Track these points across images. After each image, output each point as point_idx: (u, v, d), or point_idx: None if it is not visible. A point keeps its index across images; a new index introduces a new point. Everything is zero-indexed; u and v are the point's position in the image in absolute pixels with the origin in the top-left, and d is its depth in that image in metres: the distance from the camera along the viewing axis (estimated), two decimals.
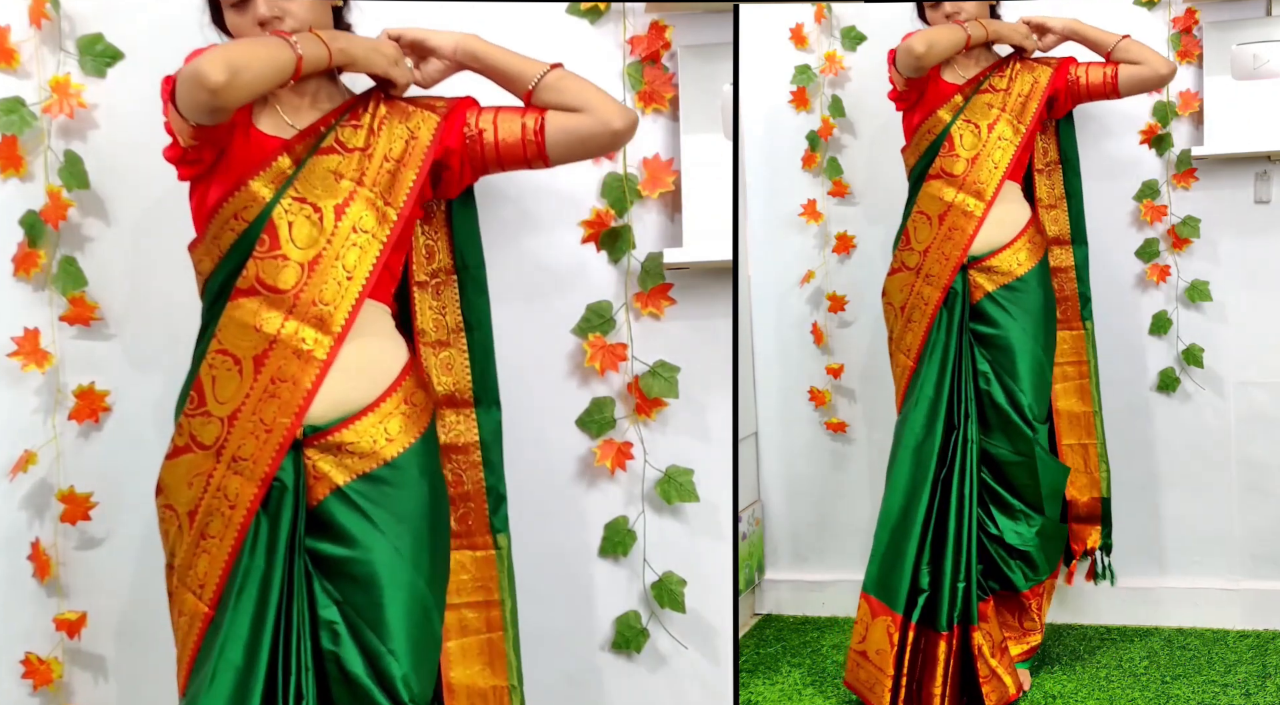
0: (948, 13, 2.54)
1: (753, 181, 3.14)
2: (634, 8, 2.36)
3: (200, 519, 1.75)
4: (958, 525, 2.52)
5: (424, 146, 1.85)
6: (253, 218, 1.76)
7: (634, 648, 2.43)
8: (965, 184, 2.56)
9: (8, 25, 2.20)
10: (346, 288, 1.77)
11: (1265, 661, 2.88)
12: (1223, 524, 3.06)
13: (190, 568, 1.76)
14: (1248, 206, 2.98)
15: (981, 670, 2.54)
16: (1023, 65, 2.63)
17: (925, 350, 2.58)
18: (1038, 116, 2.59)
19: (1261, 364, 3.00)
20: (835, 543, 3.21)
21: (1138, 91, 2.66)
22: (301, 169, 1.79)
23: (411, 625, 1.76)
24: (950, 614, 2.50)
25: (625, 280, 2.41)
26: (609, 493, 2.43)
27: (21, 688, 2.26)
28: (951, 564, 2.51)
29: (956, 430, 2.56)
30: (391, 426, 1.80)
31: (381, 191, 1.82)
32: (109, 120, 2.26)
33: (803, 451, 3.23)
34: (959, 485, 2.53)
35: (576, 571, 2.43)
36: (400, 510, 1.78)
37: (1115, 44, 2.62)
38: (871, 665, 2.57)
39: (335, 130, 1.83)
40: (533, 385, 2.38)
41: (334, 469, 1.76)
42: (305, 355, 1.74)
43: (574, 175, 2.39)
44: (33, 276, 2.25)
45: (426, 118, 1.88)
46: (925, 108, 2.60)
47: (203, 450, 1.75)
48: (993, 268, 2.59)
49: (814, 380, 3.18)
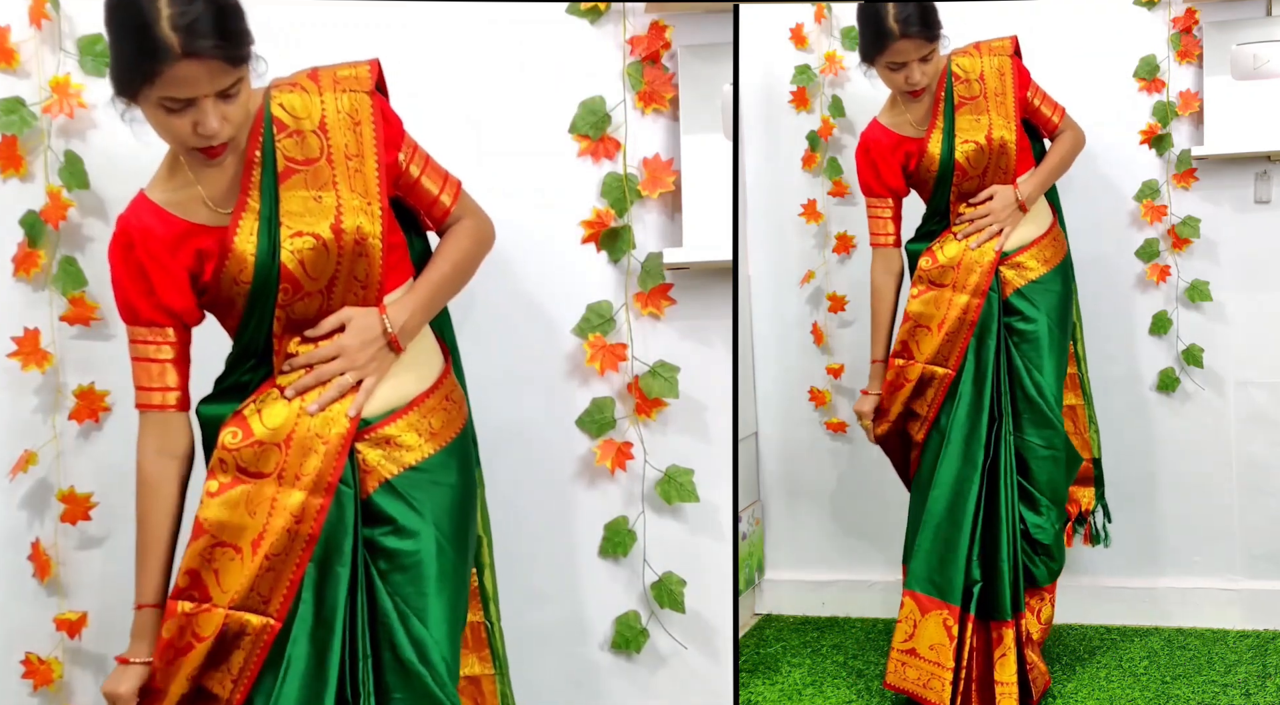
0: (905, 75, 2.47)
1: (753, 181, 3.13)
2: (634, 8, 2.36)
3: (267, 541, 1.75)
4: (1008, 515, 2.55)
5: (371, 129, 1.82)
6: (251, 276, 1.77)
7: (634, 648, 2.43)
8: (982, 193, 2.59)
9: (8, 25, 2.20)
10: (362, 297, 1.81)
11: (1265, 661, 2.88)
12: (1222, 524, 3.06)
13: (254, 591, 1.75)
14: (1248, 206, 2.98)
15: (1029, 656, 2.58)
16: (977, 57, 2.59)
17: (965, 356, 2.58)
18: (1019, 103, 2.58)
19: (1261, 364, 3.00)
20: (835, 543, 3.21)
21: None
22: (277, 205, 1.76)
23: (451, 611, 1.83)
24: (1014, 601, 2.53)
25: (625, 280, 2.41)
26: (609, 493, 2.43)
27: (22, 688, 2.26)
28: (1008, 553, 2.53)
29: (997, 422, 2.58)
30: (435, 421, 1.85)
31: (360, 191, 1.80)
32: (109, 120, 2.25)
33: (803, 451, 3.23)
34: (1005, 476, 2.56)
35: (576, 571, 2.43)
36: (443, 502, 1.84)
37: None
38: (924, 661, 2.56)
39: (276, 148, 1.77)
40: (533, 385, 2.38)
41: (383, 462, 1.81)
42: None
43: (574, 175, 2.39)
44: (33, 276, 2.25)
45: (357, 97, 1.81)
46: (917, 160, 2.59)
47: (260, 479, 1.76)
48: (1021, 264, 2.60)
49: (814, 380, 3.18)
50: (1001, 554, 2.53)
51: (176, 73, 1.60)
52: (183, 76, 1.61)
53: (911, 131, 2.59)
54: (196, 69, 1.61)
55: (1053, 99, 2.65)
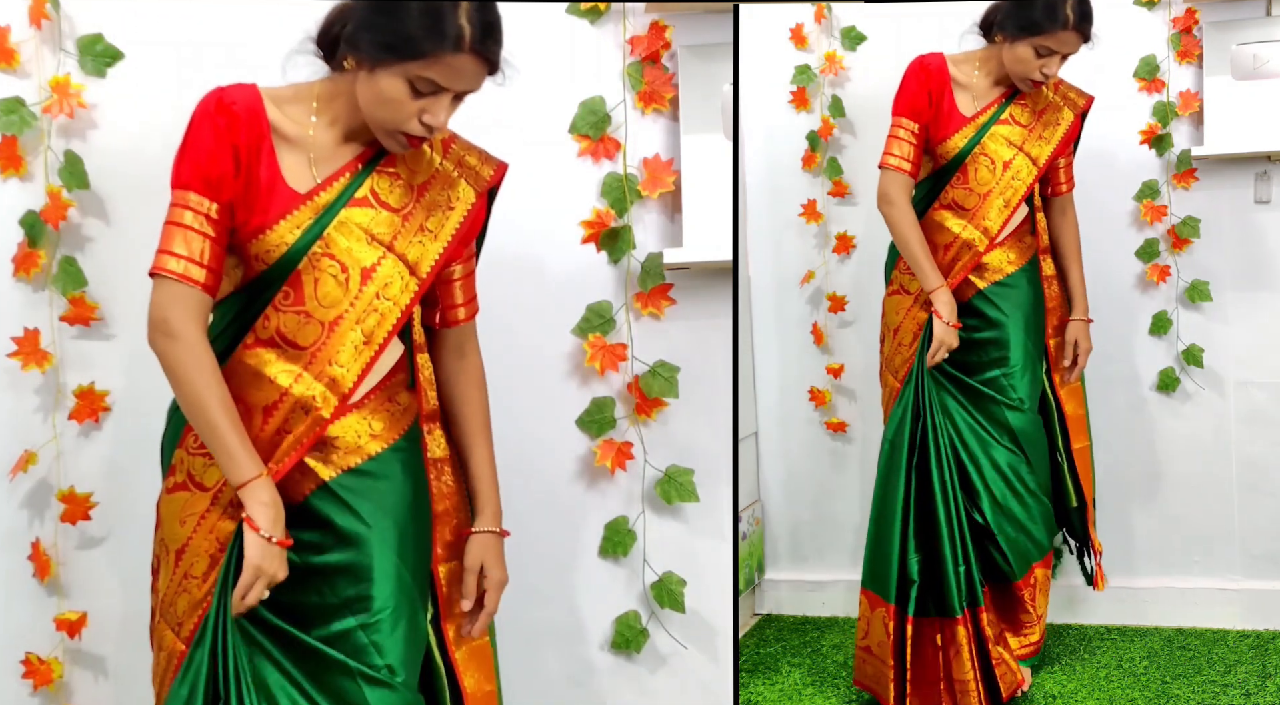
0: (1044, 64, 2.43)
1: (753, 181, 3.14)
2: (634, 8, 2.36)
3: (187, 558, 1.74)
4: (945, 508, 2.52)
5: (459, 221, 1.82)
6: (272, 262, 1.72)
7: (634, 648, 2.43)
8: (975, 218, 2.55)
9: (8, 25, 2.20)
10: (361, 352, 1.75)
11: (1265, 661, 2.88)
12: (1222, 524, 3.06)
13: (171, 605, 1.76)
14: (1248, 206, 2.98)
15: (993, 654, 2.55)
16: (1053, 100, 2.58)
17: (911, 371, 2.58)
18: (1054, 156, 2.58)
19: (1261, 364, 3.01)
20: (835, 543, 3.21)
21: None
22: (331, 221, 1.73)
23: (397, 617, 1.76)
24: (960, 598, 2.51)
25: (625, 280, 2.41)
26: (609, 493, 2.43)
27: (22, 688, 2.26)
28: (949, 549, 2.51)
29: (922, 416, 2.56)
30: (375, 423, 1.79)
31: (411, 261, 1.78)
32: (109, 120, 2.26)
33: (803, 451, 3.23)
34: (938, 471, 2.54)
35: (576, 571, 2.43)
36: (384, 504, 1.78)
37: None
38: (876, 659, 2.59)
39: (370, 177, 1.76)
40: (533, 385, 2.38)
41: (320, 465, 1.76)
42: (313, 413, 1.74)
43: (574, 175, 2.39)
44: (33, 276, 2.25)
45: (466, 192, 1.83)
46: (942, 130, 2.55)
47: (201, 491, 1.74)
48: (984, 265, 2.58)
49: (814, 380, 3.18)
50: (943, 551, 2.52)
51: (456, 63, 1.63)
52: (458, 68, 1.64)
53: (964, 98, 2.55)
54: (472, 66, 1.65)
55: (1072, 168, 2.66)
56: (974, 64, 2.55)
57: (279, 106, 1.73)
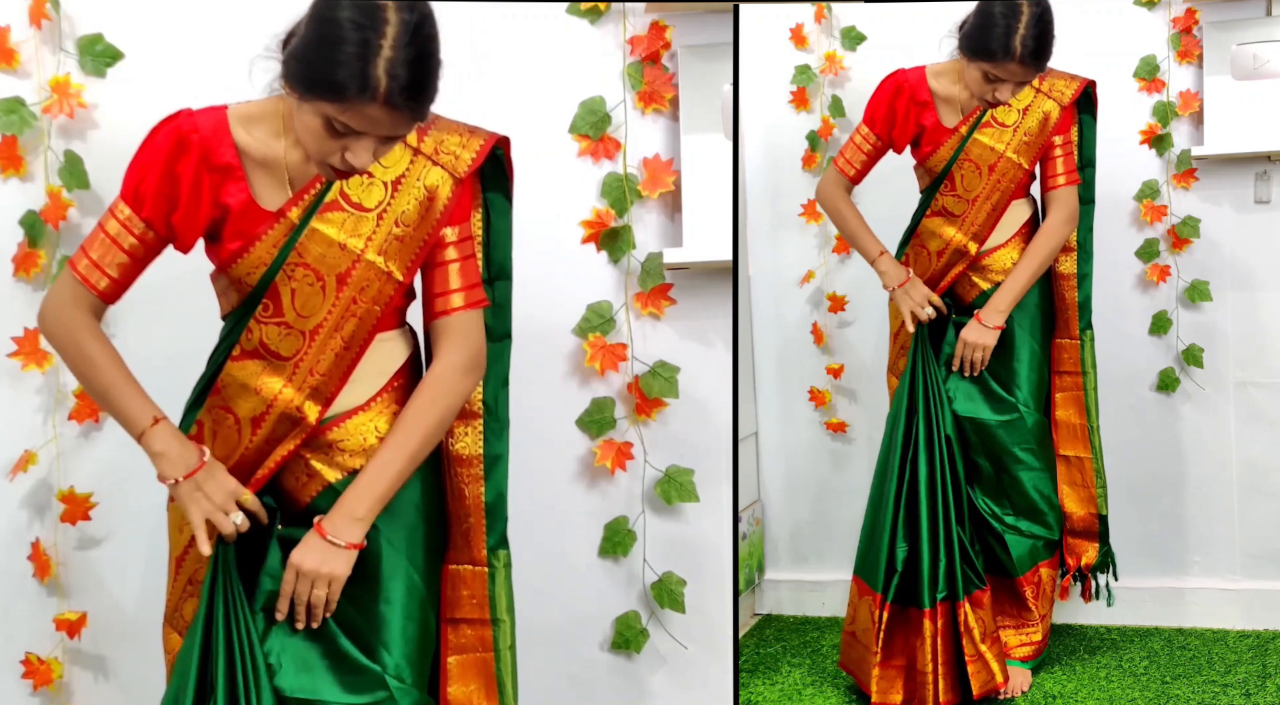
0: (995, 90, 2.38)
1: (753, 181, 3.13)
2: (634, 8, 2.36)
3: (187, 565, 1.76)
4: (930, 503, 2.53)
5: (439, 210, 1.78)
6: (255, 282, 1.72)
7: (634, 648, 2.43)
8: (965, 224, 2.57)
9: (8, 25, 2.20)
10: (343, 357, 1.75)
11: (1265, 661, 2.88)
12: (1222, 524, 3.05)
13: (176, 611, 1.78)
14: (1248, 206, 2.98)
15: (968, 649, 2.54)
16: (1037, 95, 2.56)
17: (906, 371, 2.61)
18: (1042, 150, 2.58)
19: (1261, 364, 3.00)
20: (835, 543, 3.21)
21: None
22: (302, 232, 1.71)
23: (407, 618, 1.77)
24: (933, 591, 2.51)
25: (625, 280, 2.41)
26: (609, 493, 2.43)
27: (21, 688, 2.26)
28: (929, 542, 2.52)
29: (916, 414, 2.57)
30: (381, 424, 1.79)
31: (389, 257, 1.75)
32: (109, 120, 2.26)
33: (803, 451, 3.23)
34: (929, 464, 2.55)
35: (576, 571, 2.43)
36: (391, 505, 1.77)
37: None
38: (859, 644, 2.63)
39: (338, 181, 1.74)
40: (533, 385, 2.38)
41: (326, 466, 1.76)
42: (299, 421, 1.74)
43: (574, 175, 2.39)
44: (33, 276, 2.25)
45: (445, 179, 1.78)
46: (927, 145, 2.57)
47: None
48: (987, 266, 2.59)
49: (814, 380, 3.18)
50: (921, 545, 2.53)
51: (366, 111, 1.55)
52: (373, 118, 1.56)
53: (946, 111, 2.55)
54: (386, 116, 1.56)
55: (1074, 162, 2.61)
56: (953, 76, 2.54)
57: (247, 128, 1.70)
